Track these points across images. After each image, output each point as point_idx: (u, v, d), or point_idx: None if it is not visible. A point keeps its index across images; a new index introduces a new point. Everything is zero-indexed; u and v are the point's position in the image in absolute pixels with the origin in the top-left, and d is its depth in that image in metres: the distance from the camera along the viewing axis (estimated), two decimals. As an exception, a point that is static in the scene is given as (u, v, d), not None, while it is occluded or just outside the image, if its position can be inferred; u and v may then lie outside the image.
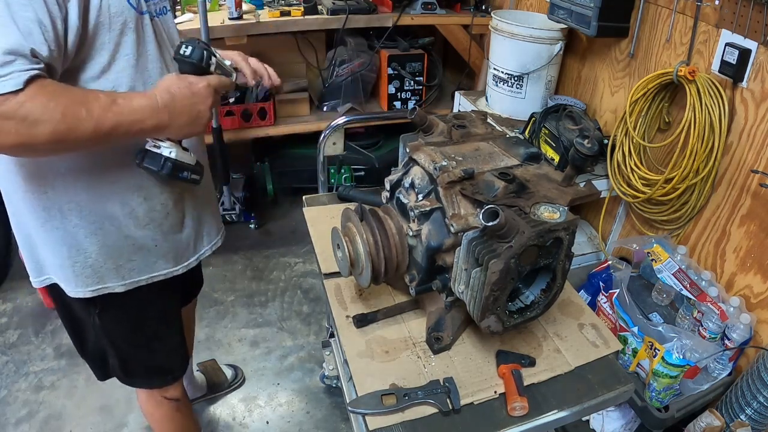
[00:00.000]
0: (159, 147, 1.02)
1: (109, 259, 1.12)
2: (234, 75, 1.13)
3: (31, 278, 1.17)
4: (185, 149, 1.08)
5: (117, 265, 1.14)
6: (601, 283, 1.74)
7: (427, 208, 1.00)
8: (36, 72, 0.80)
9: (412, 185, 1.05)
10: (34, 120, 0.80)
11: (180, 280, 1.29)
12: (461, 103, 2.50)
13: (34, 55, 0.80)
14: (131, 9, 0.97)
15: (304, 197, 1.59)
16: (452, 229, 0.96)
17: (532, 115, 1.98)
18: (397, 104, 2.84)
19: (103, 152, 1.02)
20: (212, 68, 1.03)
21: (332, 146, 1.87)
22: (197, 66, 1.00)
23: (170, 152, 1.03)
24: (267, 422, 1.96)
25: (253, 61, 1.29)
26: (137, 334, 1.28)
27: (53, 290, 1.18)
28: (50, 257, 1.12)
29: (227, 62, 1.12)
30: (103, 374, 1.37)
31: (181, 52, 0.98)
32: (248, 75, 1.25)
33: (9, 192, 1.07)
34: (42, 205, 1.04)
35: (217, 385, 2.04)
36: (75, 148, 0.93)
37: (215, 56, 1.03)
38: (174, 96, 0.95)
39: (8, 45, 0.77)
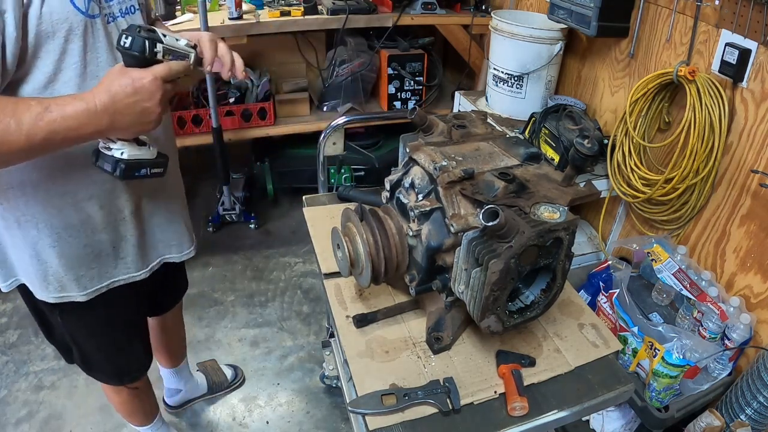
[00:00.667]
0: (110, 148, 0.96)
1: (70, 270, 1.12)
2: (191, 56, 1.00)
3: (0, 283, 1.16)
4: (142, 144, 1.01)
5: (77, 275, 1.13)
6: (601, 283, 1.74)
7: (427, 208, 1.00)
8: None
9: (412, 185, 1.05)
10: None
11: (148, 287, 1.30)
12: (461, 103, 2.50)
13: None
14: (78, 14, 0.91)
15: (304, 197, 1.59)
16: (452, 229, 0.96)
17: (532, 115, 1.98)
18: (397, 104, 2.84)
19: (51, 163, 0.98)
20: (160, 55, 0.92)
21: (332, 146, 1.87)
22: (140, 58, 0.90)
23: (121, 153, 0.96)
24: (267, 422, 1.96)
25: (222, 47, 1.12)
26: (98, 338, 1.29)
27: (21, 286, 1.19)
28: (16, 261, 1.12)
29: (182, 42, 0.99)
30: (69, 359, 1.38)
31: (121, 43, 0.89)
32: (207, 59, 1.08)
33: None
34: (2, 215, 1.04)
35: (217, 385, 2.04)
36: (11, 162, 0.88)
37: (162, 42, 0.92)
38: (114, 96, 0.87)
39: None
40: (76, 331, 1.26)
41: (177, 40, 0.97)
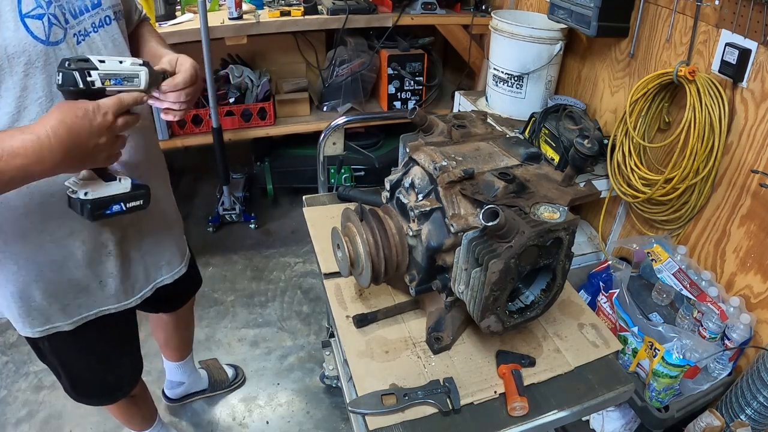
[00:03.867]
0: (75, 191, 0.89)
1: (55, 301, 1.08)
2: (141, 75, 0.89)
3: None
4: (111, 178, 0.93)
5: (63, 305, 1.10)
6: (601, 283, 1.74)
7: (427, 208, 1.00)
8: None
9: (412, 185, 1.05)
10: None
11: (151, 297, 1.27)
12: (461, 103, 2.50)
13: None
14: (37, 44, 0.84)
15: (304, 197, 1.59)
16: (452, 229, 0.96)
17: (532, 115, 1.98)
18: (397, 104, 2.84)
19: (27, 202, 0.94)
20: (98, 83, 0.83)
21: (332, 146, 1.87)
22: (77, 91, 0.82)
23: (85, 193, 0.89)
24: (267, 422, 1.96)
25: (181, 77, 0.98)
26: (86, 362, 1.26)
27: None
28: None
29: (127, 62, 0.88)
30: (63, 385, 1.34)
31: (54, 81, 0.81)
32: (177, 81, 0.98)
33: None
34: None
35: (218, 384, 2.04)
36: None
37: (97, 69, 0.83)
38: (70, 128, 0.78)
39: None
40: (63, 355, 1.23)
41: (120, 62, 0.87)
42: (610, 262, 1.77)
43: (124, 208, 0.96)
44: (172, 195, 1.33)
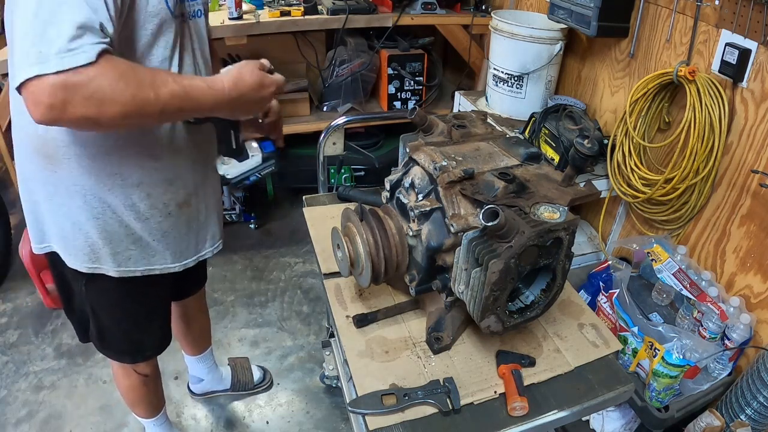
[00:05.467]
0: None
1: (108, 244, 1.13)
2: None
3: (32, 244, 1.19)
4: (246, 157, 1.14)
5: (115, 251, 1.14)
6: (601, 283, 1.74)
7: (427, 208, 1.00)
8: (106, 46, 0.80)
9: (412, 185, 1.05)
10: (102, 98, 0.80)
11: (175, 275, 1.29)
12: (461, 103, 2.50)
13: (102, 29, 0.81)
14: (167, 10, 0.98)
15: (304, 197, 1.59)
16: (452, 229, 0.96)
17: (532, 115, 1.98)
18: (397, 104, 2.84)
19: (112, 143, 1.02)
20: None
21: (332, 146, 1.88)
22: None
23: (225, 174, 1.08)
24: (267, 422, 1.96)
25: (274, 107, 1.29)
26: (118, 314, 1.30)
27: (50, 253, 1.19)
28: (53, 227, 1.13)
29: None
30: (84, 336, 1.38)
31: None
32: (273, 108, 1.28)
33: (23, 161, 1.09)
34: (50, 181, 1.06)
35: (241, 384, 2.03)
36: (139, 126, 0.99)
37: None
38: (241, 84, 0.97)
39: (80, 19, 0.78)
40: (97, 302, 1.26)
41: None
42: (610, 262, 1.77)
43: (259, 176, 1.12)
44: (219, 174, 1.42)
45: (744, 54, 1.41)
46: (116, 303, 1.27)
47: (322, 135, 1.85)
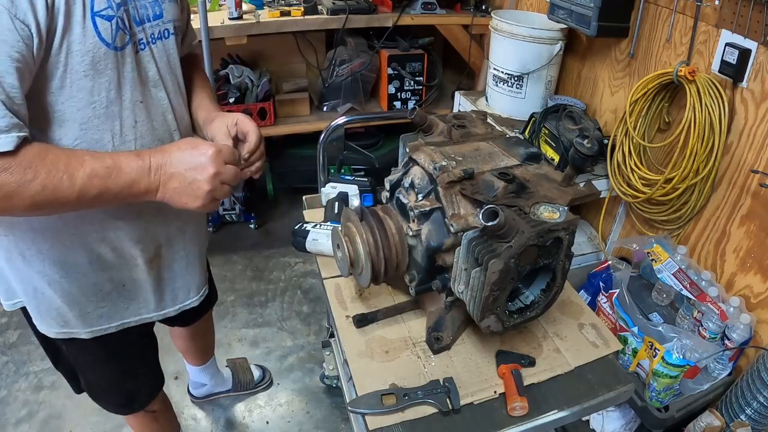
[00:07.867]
0: None
1: (75, 306, 1.06)
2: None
3: (2, 301, 1.12)
4: None
5: (83, 312, 1.08)
6: (601, 283, 1.74)
7: (427, 208, 1.00)
8: (12, 134, 0.73)
9: (412, 185, 1.05)
10: (9, 192, 0.74)
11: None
12: (461, 103, 2.50)
13: (5, 105, 0.73)
14: (102, 46, 0.85)
15: (304, 197, 1.59)
16: (452, 229, 0.96)
17: (532, 115, 1.98)
18: (397, 104, 2.84)
19: None
20: None
21: (332, 146, 1.87)
22: None
23: None
24: (267, 422, 1.96)
25: (253, 138, 1.06)
26: (101, 371, 1.24)
27: (24, 311, 1.12)
28: (19, 289, 1.07)
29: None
30: (77, 388, 1.32)
31: None
32: (250, 145, 1.06)
33: None
34: (5, 246, 0.99)
35: (243, 384, 2.03)
36: (59, 212, 0.87)
37: None
38: (171, 158, 0.85)
39: None
40: (79, 362, 1.21)
41: None
42: (610, 262, 1.77)
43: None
44: (206, 214, 1.32)
45: (744, 54, 1.41)
46: (98, 360, 1.21)
47: (322, 135, 1.85)
